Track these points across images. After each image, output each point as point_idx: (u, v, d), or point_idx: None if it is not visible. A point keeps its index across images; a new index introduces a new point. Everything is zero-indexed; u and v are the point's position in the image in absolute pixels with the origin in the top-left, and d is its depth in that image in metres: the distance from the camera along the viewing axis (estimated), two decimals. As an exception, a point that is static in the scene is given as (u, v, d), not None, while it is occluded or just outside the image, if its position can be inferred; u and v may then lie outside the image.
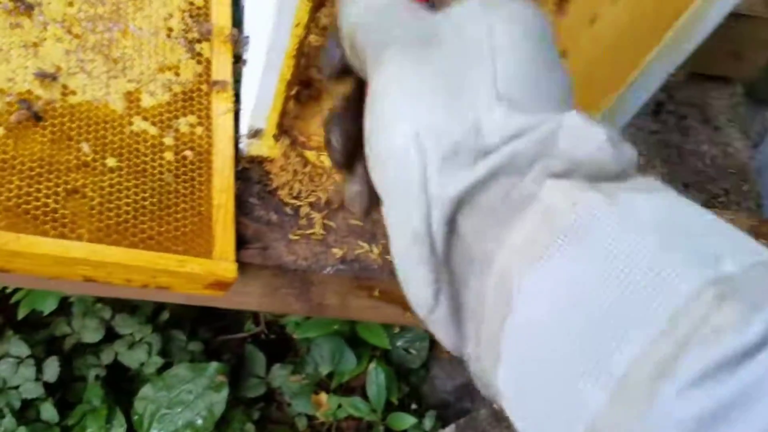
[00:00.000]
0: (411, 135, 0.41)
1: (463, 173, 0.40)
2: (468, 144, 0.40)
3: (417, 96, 0.42)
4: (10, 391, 1.67)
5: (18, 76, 0.74)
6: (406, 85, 0.42)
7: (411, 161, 0.41)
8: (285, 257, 0.81)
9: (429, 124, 0.41)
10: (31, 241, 0.66)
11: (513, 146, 0.40)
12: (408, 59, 0.43)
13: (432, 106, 0.41)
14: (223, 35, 0.87)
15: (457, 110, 0.41)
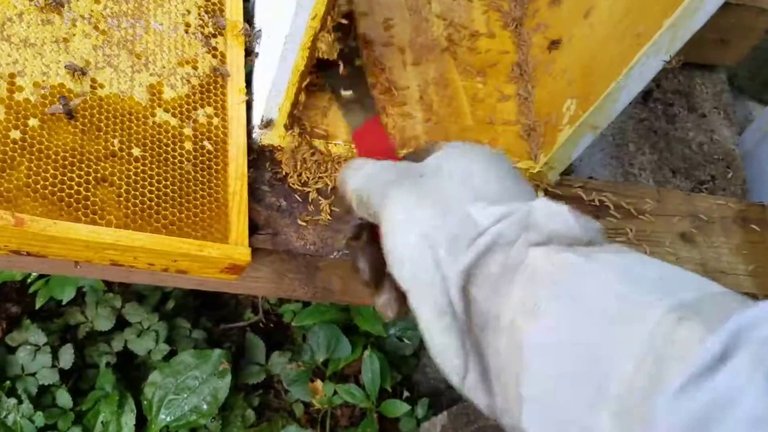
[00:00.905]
0: (420, 235, 0.54)
1: (467, 251, 0.52)
2: (465, 231, 0.53)
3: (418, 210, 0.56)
4: (28, 378, 1.70)
5: (51, 70, 0.77)
6: (408, 205, 0.57)
7: (424, 253, 0.53)
8: (294, 242, 0.84)
9: (432, 225, 0.54)
10: (66, 227, 0.69)
11: (499, 226, 0.52)
12: (406, 189, 0.58)
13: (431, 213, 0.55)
14: (236, 29, 0.90)
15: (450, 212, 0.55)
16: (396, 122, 0.93)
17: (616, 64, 0.81)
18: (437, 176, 0.59)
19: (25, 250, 0.70)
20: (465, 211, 0.54)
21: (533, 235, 0.51)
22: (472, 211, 0.54)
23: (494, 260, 0.51)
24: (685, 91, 1.41)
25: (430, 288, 0.53)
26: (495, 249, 0.51)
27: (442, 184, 0.58)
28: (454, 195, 0.56)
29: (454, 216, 0.54)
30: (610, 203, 1.01)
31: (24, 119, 0.73)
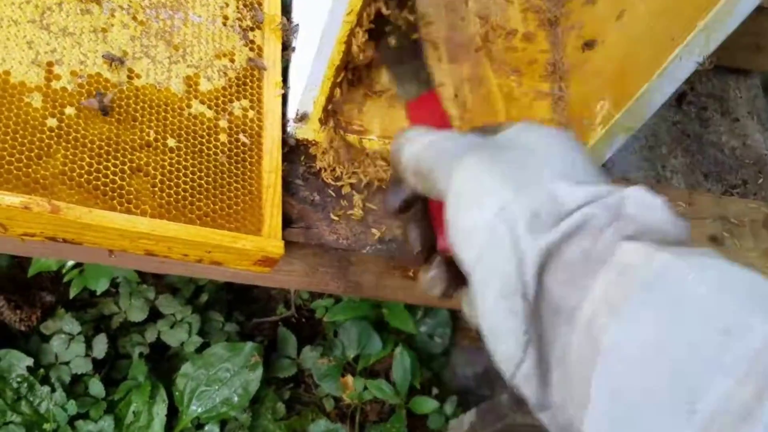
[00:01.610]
0: (497, 210, 0.49)
1: (549, 231, 0.47)
2: (547, 209, 0.48)
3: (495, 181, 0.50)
4: (62, 366, 1.71)
5: (89, 60, 0.78)
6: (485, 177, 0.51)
7: (499, 230, 0.48)
8: (327, 236, 0.84)
9: (511, 199, 0.49)
10: (101, 216, 0.70)
11: (588, 210, 0.47)
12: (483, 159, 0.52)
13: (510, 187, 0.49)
14: (273, 23, 0.91)
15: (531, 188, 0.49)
16: (431, 118, 0.93)
17: (650, 66, 0.80)
18: (516, 150, 0.53)
19: (61, 237, 0.71)
20: (549, 189, 0.49)
21: (625, 225, 0.46)
22: (557, 189, 0.49)
23: (577, 246, 0.46)
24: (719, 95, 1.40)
25: (502, 266, 0.48)
26: (580, 234, 0.46)
27: (523, 159, 0.52)
28: (536, 170, 0.51)
29: (537, 192, 0.49)
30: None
31: (61, 107, 0.74)
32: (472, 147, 0.54)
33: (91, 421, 1.70)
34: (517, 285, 0.47)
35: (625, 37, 0.88)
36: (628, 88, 0.84)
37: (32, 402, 1.67)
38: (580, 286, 0.45)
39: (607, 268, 0.45)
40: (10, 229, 0.69)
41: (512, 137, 0.55)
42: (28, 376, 1.67)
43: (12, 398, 1.66)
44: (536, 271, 0.46)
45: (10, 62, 0.74)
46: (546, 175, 0.50)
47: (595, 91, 0.92)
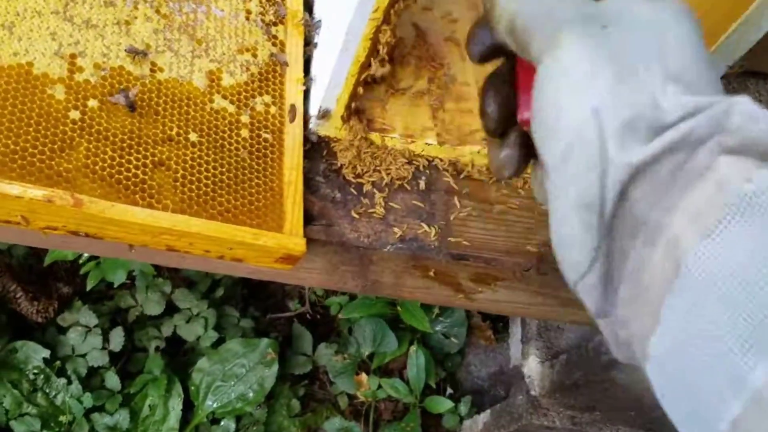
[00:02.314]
0: (590, 108, 0.44)
1: (643, 144, 0.42)
2: (646, 118, 0.43)
3: (595, 74, 0.44)
4: (78, 359, 1.72)
5: (112, 52, 0.78)
6: (585, 62, 0.45)
7: (590, 131, 0.43)
8: (348, 234, 0.84)
9: (608, 98, 0.44)
10: (123, 210, 0.69)
11: (690, 123, 0.42)
12: (584, 41, 0.46)
13: (610, 83, 0.44)
14: (295, 19, 0.90)
15: (634, 87, 0.44)
16: (453, 118, 0.92)
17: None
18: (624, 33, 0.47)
19: (83, 231, 0.71)
20: (652, 93, 0.44)
21: (727, 138, 0.41)
22: (661, 96, 0.44)
23: (670, 163, 0.42)
24: (741, 100, 1.39)
25: (585, 173, 0.44)
26: (676, 149, 0.42)
27: (630, 47, 0.46)
28: (642, 66, 0.45)
29: (638, 95, 0.44)
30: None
31: (84, 100, 0.74)
32: (578, 17, 0.47)
33: (107, 414, 1.71)
34: (597, 197, 0.43)
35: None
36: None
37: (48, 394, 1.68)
38: (668, 202, 0.42)
39: (701, 184, 0.41)
40: (32, 222, 0.69)
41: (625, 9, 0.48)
42: (44, 368, 1.68)
43: (28, 390, 1.66)
44: (621, 187, 0.43)
45: (33, 53, 0.74)
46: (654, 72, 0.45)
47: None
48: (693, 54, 0.47)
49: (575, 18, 0.47)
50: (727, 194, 0.39)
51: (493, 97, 0.55)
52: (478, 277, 0.90)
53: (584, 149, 0.44)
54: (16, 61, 0.73)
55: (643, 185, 0.42)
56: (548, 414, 1.68)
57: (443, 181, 0.90)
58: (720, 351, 0.37)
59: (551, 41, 0.47)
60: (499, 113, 0.54)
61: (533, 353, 1.69)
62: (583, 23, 0.47)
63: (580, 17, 0.47)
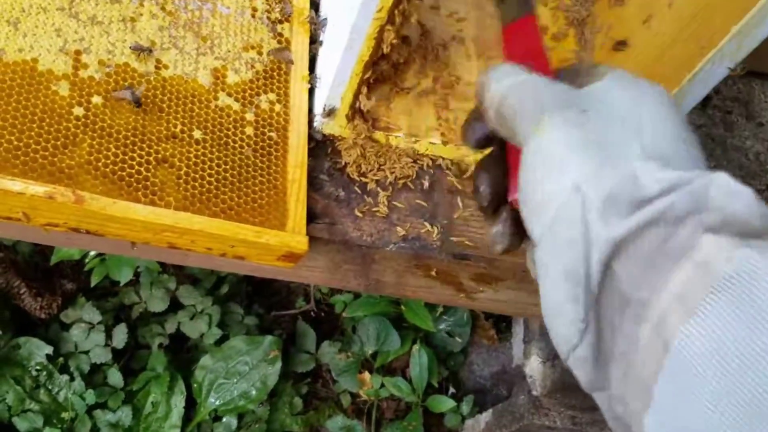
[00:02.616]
0: (572, 184, 0.47)
1: (623, 220, 0.44)
2: (626, 193, 0.45)
3: (577, 152, 0.48)
4: (81, 355, 1.72)
5: (117, 49, 0.78)
6: (567, 143, 0.48)
7: (573, 207, 0.46)
8: (351, 233, 0.84)
9: (589, 174, 0.46)
10: (125, 207, 0.69)
11: (670, 198, 0.44)
12: (565, 124, 0.49)
13: (591, 161, 0.47)
14: (302, 16, 0.90)
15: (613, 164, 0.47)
16: (458, 117, 0.92)
17: (680, 70, 0.80)
18: (603, 116, 0.50)
19: (84, 228, 0.71)
20: (632, 169, 0.46)
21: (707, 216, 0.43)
22: (640, 171, 0.46)
23: (653, 238, 0.44)
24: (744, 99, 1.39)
25: (569, 247, 0.46)
26: (658, 224, 0.44)
27: (608, 128, 0.49)
28: (620, 145, 0.48)
29: (618, 171, 0.46)
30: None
31: (88, 96, 0.74)
32: (559, 103, 0.51)
33: (110, 410, 1.71)
34: (582, 272, 0.45)
35: (653, 41, 0.87)
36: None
37: (51, 390, 1.68)
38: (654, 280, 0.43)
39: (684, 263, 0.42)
40: (33, 219, 0.69)
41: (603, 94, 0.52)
42: (47, 365, 1.68)
43: (31, 386, 1.66)
44: (604, 261, 0.44)
45: (38, 50, 0.74)
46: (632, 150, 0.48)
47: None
48: (670, 132, 0.50)
49: (556, 103, 0.51)
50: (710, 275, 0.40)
51: (486, 178, 0.59)
52: (480, 277, 0.90)
53: (567, 224, 0.46)
54: (21, 57, 0.73)
55: (627, 260, 0.44)
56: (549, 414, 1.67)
57: (447, 181, 0.90)
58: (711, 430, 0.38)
59: (535, 125, 0.50)
60: (491, 193, 0.58)
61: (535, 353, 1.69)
62: (564, 108, 0.50)
63: (560, 103, 0.51)
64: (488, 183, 0.58)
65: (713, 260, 0.41)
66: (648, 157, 0.47)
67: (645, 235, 0.44)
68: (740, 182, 0.44)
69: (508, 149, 0.59)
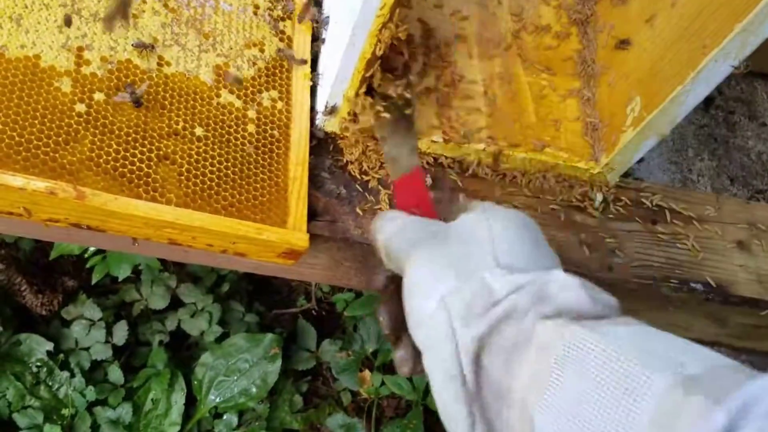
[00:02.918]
0: (438, 299, 0.55)
1: (480, 320, 0.53)
2: (481, 299, 0.54)
3: (439, 272, 0.57)
4: (81, 352, 1.72)
5: (119, 46, 0.78)
6: (430, 266, 0.58)
7: (440, 318, 0.54)
8: (352, 230, 0.84)
9: (450, 289, 0.55)
10: (127, 203, 0.69)
11: (514, 297, 0.53)
12: (429, 250, 0.59)
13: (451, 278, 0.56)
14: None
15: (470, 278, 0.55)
16: (460, 116, 0.92)
17: (684, 68, 0.80)
18: (463, 240, 0.60)
19: (85, 224, 0.71)
20: (483, 278, 0.55)
21: (544, 307, 0.52)
22: (489, 279, 0.55)
23: (507, 331, 0.52)
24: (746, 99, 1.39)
25: (443, 353, 0.53)
26: (508, 320, 0.52)
27: (467, 249, 0.58)
28: (476, 260, 0.57)
29: (473, 282, 0.55)
30: (669, 209, 0.99)
31: (90, 93, 0.74)
32: (427, 237, 0.61)
33: (110, 407, 1.71)
34: (456, 372, 0.53)
35: (656, 40, 0.87)
36: (661, 90, 0.83)
37: (51, 387, 1.68)
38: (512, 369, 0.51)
39: (528, 349, 0.50)
40: (34, 214, 0.69)
41: (462, 226, 0.61)
42: (47, 361, 1.68)
43: (31, 382, 1.66)
44: (472, 359, 0.52)
45: (40, 46, 0.74)
46: (485, 264, 0.56)
47: (626, 92, 0.91)
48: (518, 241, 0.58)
49: (423, 237, 0.61)
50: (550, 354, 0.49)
51: (385, 312, 0.66)
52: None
53: (438, 332, 0.54)
54: (24, 53, 0.73)
55: (490, 354, 0.52)
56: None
57: (448, 179, 0.90)
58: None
59: (407, 258, 0.60)
60: (390, 324, 0.66)
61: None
62: (429, 239, 0.60)
63: (426, 236, 0.61)
64: (388, 316, 0.66)
65: (550, 341, 0.49)
66: (498, 266, 0.55)
67: (500, 331, 0.52)
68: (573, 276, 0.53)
69: None
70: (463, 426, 0.53)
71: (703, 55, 0.77)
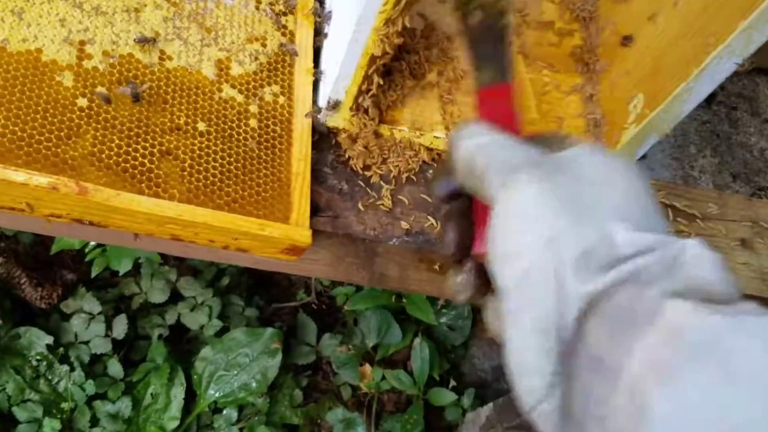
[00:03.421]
0: (545, 238, 0.46)
1: (597, 276, 0.45)
2: (601, 251, 0.46)
3: (549, 208, 0.48)
4: (81, 346, 1.72)
5: (121, 40, 0.77)
6: (538, 198, 0.48)
7: (545, 261, 0.46)
8: (354, 226, 0.84)
9: (563, 231, 0.46)
10: (129, 199, 0.69)
11: (645, 259, 0.45)
12: (536, 180, 0.49)
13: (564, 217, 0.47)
14: (306, 9, 0.90)
15: (588, 223, 0.47)
16: (462, 111, 0.92)
17: (687, 65, 0.79)
18: (576, 177, 0.51)
19: (87, 220, 0.70)
20: (605, 228, 0.47)
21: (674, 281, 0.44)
22: (614, 231, 0.46)
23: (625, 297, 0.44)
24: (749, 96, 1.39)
25: (542, 301, 0.46)
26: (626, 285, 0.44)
27: (582, 189, 0.50)
28: (594, 205, 0.49)
29: (592, 230, 0.47)
30: (672, 206, 0.99)
31: (92, 87, 0.73)
32: (529, 163, 0.51)
33: (109, 401, 1.71)
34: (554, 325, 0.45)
35: (659, 38, 0.87)
36: (663, 87, 0.83)
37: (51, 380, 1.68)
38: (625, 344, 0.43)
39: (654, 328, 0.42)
40: (36, 210, 0.69)
41: (573, 160, 0.52)
42: (47, 355, 1.68)
43: (31, 376, 1.66)
44: (578, 316, 0.45)
45: (42, 40, 0.73)
46: (604, 212, 0.48)
47: (629, 89, 0.90)
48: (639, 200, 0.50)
49: (527, 164, 0.51)
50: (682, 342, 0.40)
51: (452, 229, 0.60)
52: (483, 272, 0.90)
53: (540, 276, 0.46)
54: (25, 47, 0.72)
55: (596, 318, 0.44)
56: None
57: (451, 175, 0.89)
58: None
59: (505, 184, 0.50)
60: (457, 243, 0.59)
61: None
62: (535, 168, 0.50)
63: (531, 164, 0.51)
64: (455, 233, 0.60)
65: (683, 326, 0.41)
66: (621, 218, 0.48)
67: (616, 295, 0.44)
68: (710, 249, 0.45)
69: (474, 204, 0.60)
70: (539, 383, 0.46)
71: (707, 54, 0.77)
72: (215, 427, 1.79)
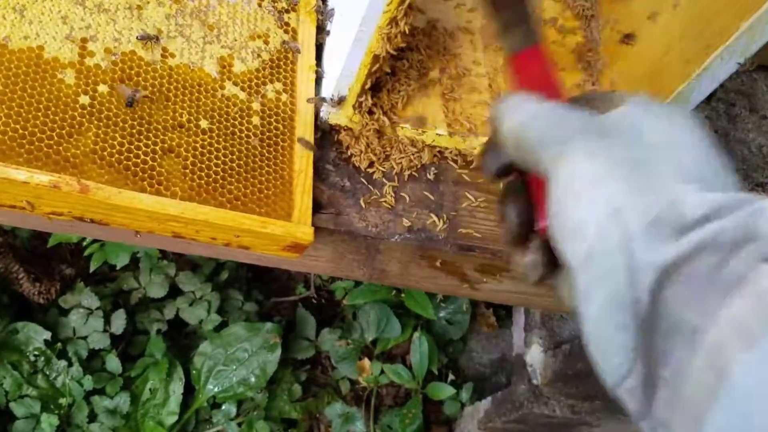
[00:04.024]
0: (609, 210, 0.44)
1: (669, 244, 0.42)
2: (669, 218, 0.43)
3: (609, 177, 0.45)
4: (79, 341, 1.71)
5: (123, 37, 0.77)
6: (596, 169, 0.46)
7: (611, 233, 0.44)
8: (356, 223, 0.83)
9: (626, 200, 0.44)
10: (131, 197, 0.69)
11: (719, 223, 0.42)
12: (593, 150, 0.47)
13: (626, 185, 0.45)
14: (308, 6, 0.89)
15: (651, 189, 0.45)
16: (465, 109, 0.91)
17: (689, 64, 0.79)
18: (633, 140, 0.48)
19: (89, 217, 0.70)
20: (672, 192, 0.44)
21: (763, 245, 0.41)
22: (681, 194, 0.44)
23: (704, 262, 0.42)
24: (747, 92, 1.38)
25: (613, 275, 0.44)
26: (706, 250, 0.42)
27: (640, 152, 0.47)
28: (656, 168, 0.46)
29: (657, 195, 0.44)
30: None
31: (93, 85, 0.73)
32: (582, 130, 0.49)
33: (107, 397, 1.70)
34: (629, 298, 0.43)
35: (659, 37, 0.86)
36: (665, 86, 0.83)
37: (49, 376, 1.67)
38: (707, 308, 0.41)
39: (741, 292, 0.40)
40: (37, 208, 0.68)
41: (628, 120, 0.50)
42: (45, 350, 1.67)
43: (28, 371, 1.66)
44: (651, 287, 0.43)
45: (44, 37, 0.73)
46: (668, 174, 0.46)
47: (630, 87, 0.90)
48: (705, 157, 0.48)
49: (581, 130, 0.49)
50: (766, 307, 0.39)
51: (513, 207, 0.56)
52: (484, 268, 0.90)
53: (608, 249, 0.44)
54: (27, 44, 0.72)
55: (676, 285, 0.42)
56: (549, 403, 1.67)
57: (453, 172, 0.89)
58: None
59: (560, 153, 0.48)
60: (519, 222, 0.56)
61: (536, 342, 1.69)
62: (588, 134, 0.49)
63: (585, 129, 0.49)
64: (516, 211, 0.56)
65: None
66: (686, 180, 0.45)
67: (695, 261, 0.42)
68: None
69: (529, 178, 0.57)
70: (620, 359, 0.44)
71: (707, 54, 0.77)
72: (214, 422, 1.79)
